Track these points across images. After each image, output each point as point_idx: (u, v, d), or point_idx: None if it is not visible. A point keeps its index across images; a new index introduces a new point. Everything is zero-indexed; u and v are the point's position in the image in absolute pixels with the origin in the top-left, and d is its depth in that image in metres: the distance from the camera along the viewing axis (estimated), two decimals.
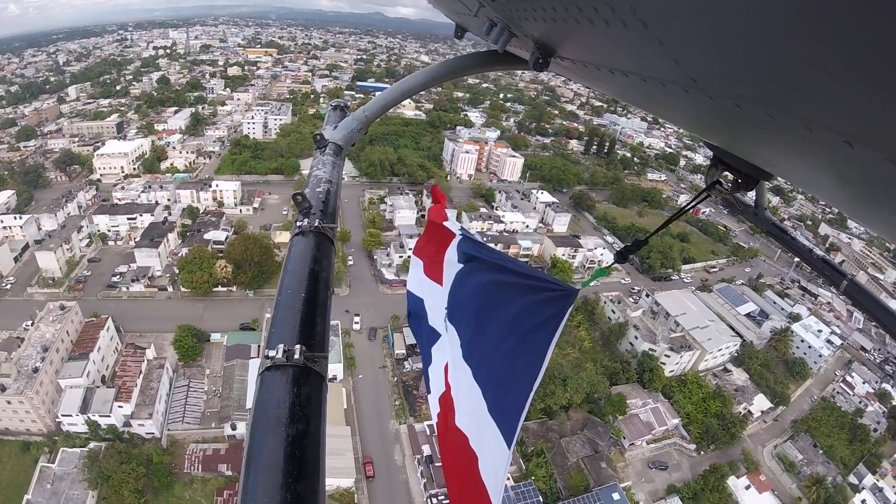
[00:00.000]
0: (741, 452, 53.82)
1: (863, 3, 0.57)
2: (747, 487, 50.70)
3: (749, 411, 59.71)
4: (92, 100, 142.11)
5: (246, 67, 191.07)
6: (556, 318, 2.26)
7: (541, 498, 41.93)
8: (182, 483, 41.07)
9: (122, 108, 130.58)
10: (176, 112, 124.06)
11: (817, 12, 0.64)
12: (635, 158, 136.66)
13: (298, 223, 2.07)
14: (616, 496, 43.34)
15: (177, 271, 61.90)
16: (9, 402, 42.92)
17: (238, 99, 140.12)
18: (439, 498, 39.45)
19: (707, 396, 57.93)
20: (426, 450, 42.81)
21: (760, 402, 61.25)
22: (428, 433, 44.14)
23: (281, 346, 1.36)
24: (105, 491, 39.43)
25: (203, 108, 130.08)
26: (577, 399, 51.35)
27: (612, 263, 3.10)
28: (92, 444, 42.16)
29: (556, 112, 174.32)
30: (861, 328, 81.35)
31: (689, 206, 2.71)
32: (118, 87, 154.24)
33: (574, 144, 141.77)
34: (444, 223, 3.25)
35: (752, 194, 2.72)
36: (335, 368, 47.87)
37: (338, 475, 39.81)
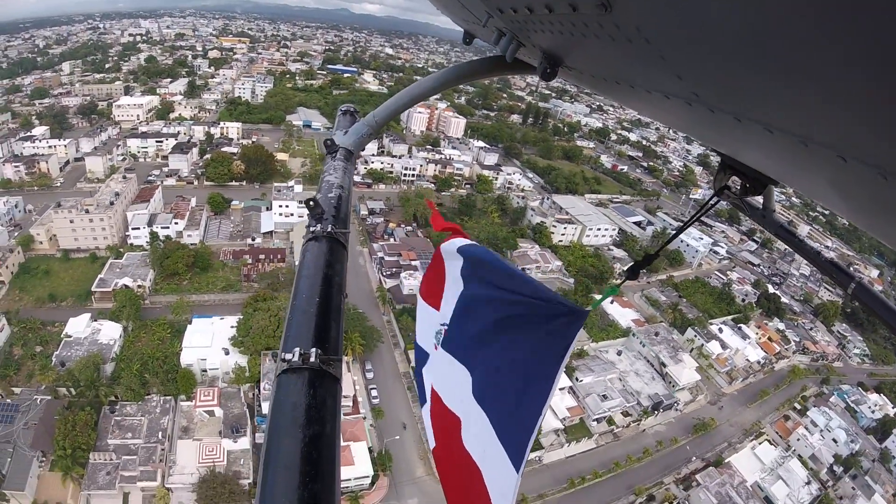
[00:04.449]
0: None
1: (846, 27, 0.63)
2: (611, 302, 67.38)
3: (623, 271, 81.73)
4: (88, 73, 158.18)
5: (224, 52, 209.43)
6: (564, 342, 2.22)
7: None
8: (217, 266, 62.22)
9: (121, 80, 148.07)
10: (171, 82, 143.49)
11: (805, 35, 0.71)
12: (565, 129, 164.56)
13: (311, 228, 2.13)
14: None
15: (199, 173, 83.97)
16: (91, 220, 62.01)
17: (224, 75, 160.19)
18: (385, 274, 63.73)
19: (586, 255, 78.96)
20: (380, 254, 66.99)
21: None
22: (381, 245, 68.24)
23: (297, 350, 1.40)
24: (165, 264, 57.18)
25: (195, 78, 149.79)
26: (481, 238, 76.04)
27: (624, 280, 3.02)
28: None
29: (505, 95, 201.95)
30: (752, 250, 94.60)
31: (700, 213, 2.73)
32: (108, 66, 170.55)
33: (515, 118, 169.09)
34: (452, 241, 3.05)
35: (759, 198, 2.83)
36: None
37: None
